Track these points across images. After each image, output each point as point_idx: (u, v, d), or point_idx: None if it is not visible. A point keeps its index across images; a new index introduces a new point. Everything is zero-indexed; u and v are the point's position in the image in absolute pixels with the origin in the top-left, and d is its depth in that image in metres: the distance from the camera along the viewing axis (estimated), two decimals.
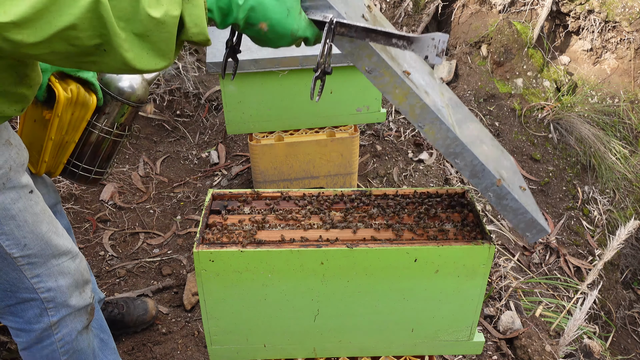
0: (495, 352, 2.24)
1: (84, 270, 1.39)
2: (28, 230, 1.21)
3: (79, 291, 1.37)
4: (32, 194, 1.22)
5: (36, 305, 1.31)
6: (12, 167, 1.14)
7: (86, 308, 1.42)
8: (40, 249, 1.26)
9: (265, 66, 2.21)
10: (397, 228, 1.32)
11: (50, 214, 1.29)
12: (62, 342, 1.38)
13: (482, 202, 3.34)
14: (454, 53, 4.06)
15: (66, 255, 1.33)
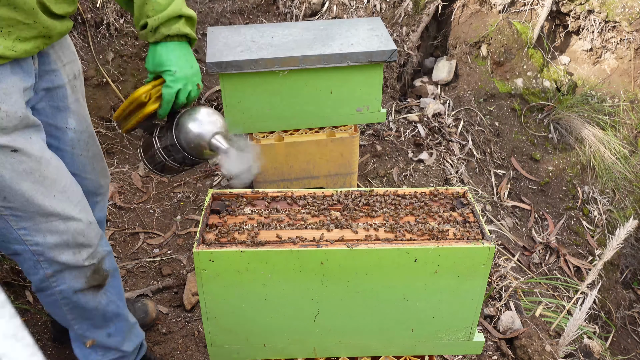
0: (495, 352, 2.24)
1: (78, 234, 1.41)
2: (5, 185, 1.26)
3: (72, 251, 1.41)
4: (17, 153, 1.26)
5: (29, 257, 1.37)
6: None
7: (82, 269, 1.45)
8: (21, 205, 1.30)
9: (265, 66, 2.21)
10: (397, 228, 1.32)
11: (44, 176, 1.32)
12: (61, 295, 1.46)
13: (482, 202, 3.34)
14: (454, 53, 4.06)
15: (55, 216, 1.36)
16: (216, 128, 1.42)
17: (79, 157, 1.60)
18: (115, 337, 1.67)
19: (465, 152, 3.54)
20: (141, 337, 1.79)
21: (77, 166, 1.60)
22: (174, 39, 1.40)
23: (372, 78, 2.33)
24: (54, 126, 1.50)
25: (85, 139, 1.60)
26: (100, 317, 1.59)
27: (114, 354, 1.70)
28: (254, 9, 3.60)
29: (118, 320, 1.66)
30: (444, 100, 3.82)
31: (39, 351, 0.48)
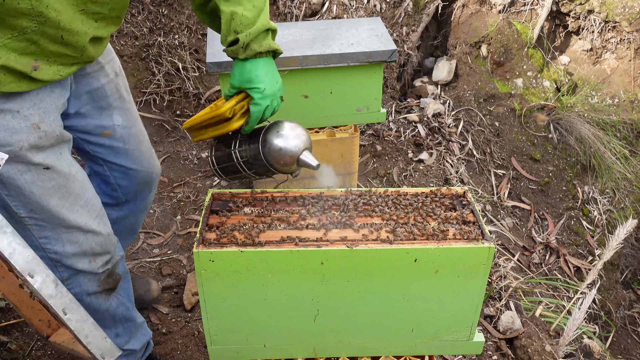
0: (495, 352, 2.24)
1: (96, 244, 1.45)
2: (34, 201, 1.30)
3: (88, 259, 1.45)
4: (48, 171, 1.29)
5: (46, 262, 1.38)
6: (24, 147, 1.23)
7: (96, 276, 1.49)
8: (47, 217, 1.34)
9: None
10: (397, 228, 1.32)
11: (69, 192, 1.35)
12: (75, 297, 1.47)
13: (482, 202, 3.35)
14: (454, 53, 4.06)
15: (77, 229, 1.39)
16: (303, 144, 1.40)
17: (132, 152, 1.64)
18: (123, 337, 1.70)
19: (465, 152, 3.54)
20: (148, 335, 1.82)
21: (131, 160, 1.65)
22: (263, 55, 1.38)
23: (372, 78, 2.33)
24: (101, 126, 1.54)
25: (135, 133, 1.63)
26: (110, 319, 1.62)
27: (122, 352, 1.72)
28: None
29: (126, 322, 1.69)
30: (444, 100, 3.82)
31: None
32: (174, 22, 3.38)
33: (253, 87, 1.37)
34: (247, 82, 1.38)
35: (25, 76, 1.19)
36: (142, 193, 1.78)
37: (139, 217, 1.89)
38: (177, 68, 3.34)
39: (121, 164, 1.64)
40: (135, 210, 1.83)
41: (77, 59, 1.29)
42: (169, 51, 3.32)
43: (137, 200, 1.80)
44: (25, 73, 1.18)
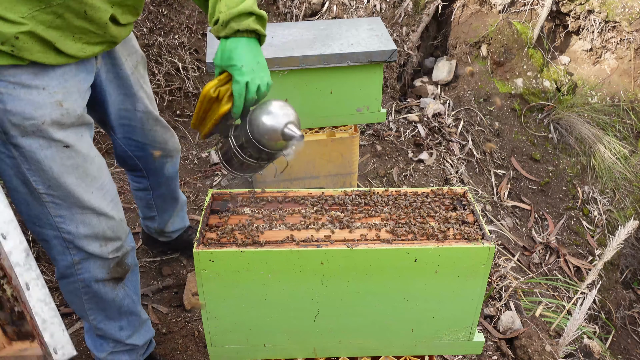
0: (495, 352, 2.24)
1: (108, 229, 1.50)
2: (52, 177, 1.36)
3: (99, 243, 1.49)
4: (68, 149, 1.37)
5: (59, 243, 1.47)
6: (47, 122, 1.30)
7: (106, 261, 1.53)
8: (63, 195, 1.40)
9: None
10: (397, 228, 1.32)
11: (87, 173, 1.42)
12: (82, 283, 1.54)
13: (482, 202, 3.35)
14: (454, 53, 4.06)
15: (91, 210, 1.45)
16: (288, 118, 1.40)
17: (149, 132, 1.80)
18: (126, 330, 1.73)
19: (465, 152, 3.54)
20: (152, 333, 1.85)
21: (148, 139, 1.81)
22: (244, 34, 1.40)
23: (372, 78, 2.33)
24: (124, 109, 1.69)
25: (153, 117, 1.79)
26: (116, 310, 1.66)
27: (123, 346, 1.76)
28: None
29: (131, 315, 1.72)
30: (444, 100, 3.82)
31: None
32: (174, 22, 3.38)
33: (232, 65, 1.39)
34: (227, 60, 1.40)
35: (52, 48, 1.26)
36: (161, 163, 1.94)
37: (171, 184, 2.04)
38: (177, 68, 3.34)
39: (137, 140, 1.80)
40: (163, 178, 2.00)
41: (100, 38, 1.38)
42: (169, 51, 3.32)
43: (160, 169, 1.96)
44: (51, 43, 1.25)
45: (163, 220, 2.20)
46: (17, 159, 1.33)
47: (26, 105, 1.26)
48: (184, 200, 2.24)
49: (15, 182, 1.37)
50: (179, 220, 2.27)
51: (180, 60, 3.34)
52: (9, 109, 1.25)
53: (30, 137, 1.30)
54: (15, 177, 1.36)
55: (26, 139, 1.30)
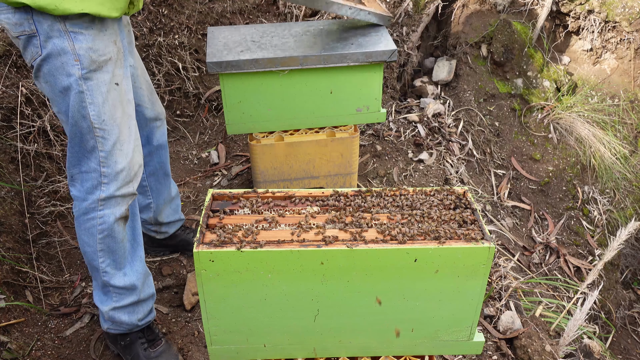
0: (495, 352, 2.24)
1: (136, 165, 1.71)
2: (107, 110, 1.59)
3: (129, 179, 1.69)
4: (118, 86, 1.62)
5: (95, 177, 1.65)
6: (113, 58, 1.59)
7: (128, 198, 1.72)
8: (111, 129, 1.61)
9: (265, 66, 2.21)
10: (397, 228, 1.32)
11: (128, 112, 1.67)
12: (101, 219, 1.69)
13: (482, 202, 3.35)
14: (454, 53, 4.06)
15: (128, 142, 1.67)
16: None
17: (139, 90, 1.92)
18: (130, 276, 1.82)
19: (465, 152, 3.54)
20: (153, 290, 1.94)
21: (138, 97, 1.92)
22: None
23: (372, 78, 2.33)
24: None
25: (140, 73, 1.92)
26: (122, 253, 1.78)
27: (127, 299, 1.83)
28: (254, 9, 3.60)
29: (132, 263, 1.83)
30: (444, 100, 3.82)
31: None
32: (174, 22, 3.37)
33: None
34: None
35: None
36: (151, 127, 2.05)
37: (162, 155, 2.15)
38: (177, 68, 3.34)
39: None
40: (153, 147, 2.10)
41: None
42: (169, 51, 3.32)
43: (150, 137, 2.07)
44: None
45: (158, 206, 2.23)
46: (85, 92, 1.55)
47: (101, 43, 1.54)
48: (176, 188, 2.30)
49: (77, 116, 1.57)
50: (173, 211, 2.30)
51: (180, 60, 3.33)
52: (91, 46, 1.51)
53: (100, 72, 1.55)
54: (78, 112, 1.56)
55: (97, 72, 1.54)
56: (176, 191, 2.31)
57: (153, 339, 1.95)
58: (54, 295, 2.30)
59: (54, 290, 2.32)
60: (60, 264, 2.42)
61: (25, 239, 2.39)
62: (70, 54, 1.50)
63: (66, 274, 2.40)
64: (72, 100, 1.55)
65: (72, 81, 1.53)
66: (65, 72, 1.52)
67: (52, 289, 2.32)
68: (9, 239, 2.32)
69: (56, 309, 2.24)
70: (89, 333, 2.15)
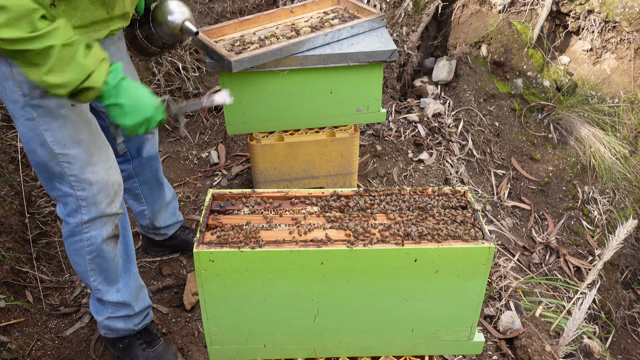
0: (495, 352, 2.24)
1: (114, 184, 1.62)
2: (67, 134, 1.48)
3: (109, 200, 1.61)
4: (74, 108, 1.48)
5: (73, 202, 1.57)
6: None
7: (113, 218, 1.65)
8: (76, 153, 1.51)
9: (265, 66, 2.21)
10: (397, 228, 1.32)
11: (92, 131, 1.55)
12: (88, 242, 1.64)
13: (482, 202, 3.35)
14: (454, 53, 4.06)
15: (100, 164, 1.57)
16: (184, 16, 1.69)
17: None
18: (123, 292, 1.81)
19: (465, 152, 3.54)
20: (148, 302, 1.91)
21: None
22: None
23: (372, 78, 2.33)
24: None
25: None
26: (114, 271, 1.75)
27: (122, 312, 1.83)
28: (254, 9, 3.60)
29: (126, 280, 1.81)
30: (444, 100, 3.82)
31: None
32: None
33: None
34: None
35: None
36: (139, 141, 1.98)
37: (152, 165, 2.08)
38: (177, 68, 3.34)
39: None
40: (143, 159, 2.03)
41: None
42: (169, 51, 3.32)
43: (140, 148, 2.00)
44: None
45: (153, 213, 2.21)
46: (36, 120, 1.44)
47: None
48: (172, 192, 2.27)
49: (34, 144, 1.48)
50: (169, 214, 2.29)
51: (180, 60, 3.33)
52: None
53: (48, 98, 1.41)
54: (34, 140, 1.47)
55: (44, 99, 1.41)
56: (172, 195, 2.27)
57: (151, 339, 1.95)
58: (54, 295, 2.30)
59: (54, 290, 2.32)
60: (60, 264, 2.42)
61: (25, 239, 2.39)
62: (11, 80, 1.39)
63: (66, 274, 2.40)
64: (24, 128, 1.46)
65: (17, 108, 1.43)
66: (9, 99, 1.43)
67: (52, 289, 2.32)
68: (9, 239, 2.32)
69: (56, 309, 2.24)
70: (89, 333, 2.15)
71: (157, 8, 1.70)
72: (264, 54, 2.15)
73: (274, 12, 2.53)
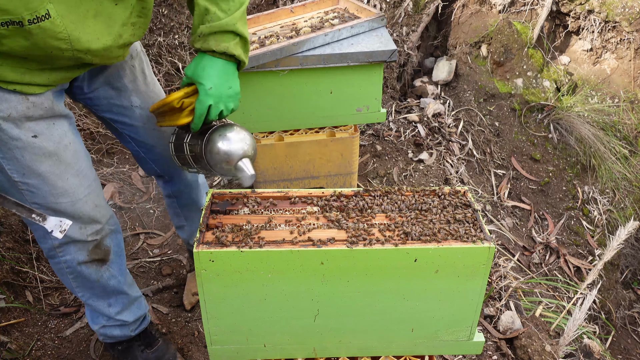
0: (495, 352, 2.24)
1: (83, 213, 1.51)
2: (25, 165, 1.38)
3: (79, 225, 1.51)
4: (37, 139, 1.37)
5: (39, 228, 1.48)
6: (12, 115, 1.31)
7: (85, 244, 1.55)
8: (37, 183, 1.41)
9: (265, 66, 2.21)
10: (396, 228, 1.32)
11: (60, 160, 1.42)
12: (66, 264, 1.59)
13: (482, 202, 3.35)
14: (454, 53, 4.06)
15: (65, 197, 1.45)
16: (243, 151, 1.39)
17: (152, 132, 1.71)
18: (115, 307, 1.77)
19: (465, 152, 3.54)
20: (144, 310, 1.88)
21: (151, 139, 1.72)
22: (222, 56, 1.39)
23: (372, 78, 2.33)
24: (120, 106, 1.62)
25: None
26: (102, 289, 1.70)
27: (115, 321, 1.81)
28: (254, 9, 3.60)
29: (119, 294, 1.75)
30: (444, 100, 3.82)
31: None
32: (174, 22, 3.38)
33: (200, 83, 1.39)
34: (197, 76, 1.40)
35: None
36: (174, 170, 1.86)
37: (192, 193, 1.98)
38: (177, 68, 3.34)
39: (144, 141, 1.73)
40: (182, 185, 1.94)
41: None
42: (169, 51, 3.32)
43: (179, 175, 1.90)
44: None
45: (192, 231, 2.14)
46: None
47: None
48: None
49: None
50: None
51: (180, 60, 3.33)
52: None
53: (6, 126, 1.31)
54: None
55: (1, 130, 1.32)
56: None
57: (150, 341, 1.94)
58: (54, 295, 2.30)
59: (54, 290, 2.32)
60: None
61: (25, 239, 2.39)
62: None
63: None
64: None
65: None
66: None
67: (52, 289, 2.32)
68: (9, 239, 2.32)
69: (56, 309, 2.24)
70: (89, 333, 2.15)
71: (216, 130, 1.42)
72: (264, 54, 2.15)
73: (274, 12, 2.52)
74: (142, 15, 1.36)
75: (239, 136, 1.40)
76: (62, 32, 1.20)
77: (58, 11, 1.17)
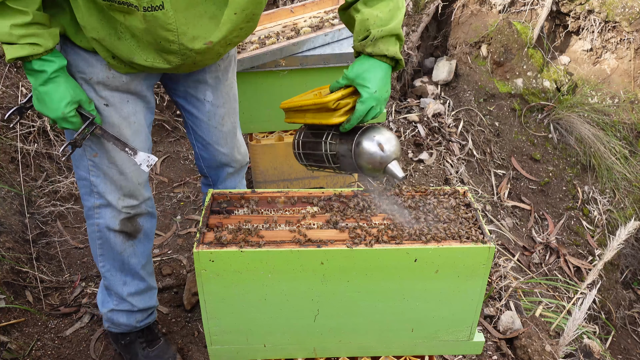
0: (495, 352, 2.24)
1: (125, 185, 1.62)
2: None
3: (119, 195, 1.63)
4: (108, 108, 1.52)
5: (87, 185, 1.62)
6: (93, 80, 1.48)
7: (119, 213, 1.65)
8: (99, 147, 1.55)
9: (265, 66, 2.21)
10: (397, 228, 1.32)
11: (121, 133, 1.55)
12: (98, 227, 1.68)
13: (482, 202, 3.35)
14: (454, 53, 4.06)
15: (116, 167, 1.59)
16: (394, 153, 1.39)
17: (214, 129, 1.79)
18: (129, 287, 1.82)
19: (465, 152, 3.54)
20: (154, 303, 1.92)
21: (211, 137, 1.81)
22: (385, 60, 1.41)
23: None
24: (194, 97, 1.72)
25: (222, 114, 1.78)
26: (121, 263, 1.76)
27: (125, 305, 1.84)
28: None
29: (135, 276, 1.81)
30: (444, 100, 3.82)
31: None
32: None
33: (365, 85, 1.39)
34: (362, 79, 1.40)
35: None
36: (221, 171, 1.92)
37: None
38: None
39: (203, 137, 1.81)
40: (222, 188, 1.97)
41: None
42: None
43: (220, 179, 1.95)
44: None
45: None
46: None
47: (82, 62, 1.45)
48: None
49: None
50: None
51: None
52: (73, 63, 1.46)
53: (85, 89, 1.47)
54: None
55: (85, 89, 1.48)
56: None
57: (152, 339, 1.96)
58: (54, 295, 2.30)
59: (54, 290, 2.32)
60: (60, 264, 2.42)
61: (25, 239, 2.39)
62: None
63: (66, 274, 2.40)
64: None
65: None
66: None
67: (52, 289, 2.32)
68: (9, 239, 2.32)
69: (56, 309, 2.24)
70: (89, 333, 2.15)
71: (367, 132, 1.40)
72: (264, 54, 2.15)
73: (274, 12, 2.52)
74: (251, 21, 1.42)
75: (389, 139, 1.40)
76: (171, 24, 1.30)
77: (173, 5, 1.26)
